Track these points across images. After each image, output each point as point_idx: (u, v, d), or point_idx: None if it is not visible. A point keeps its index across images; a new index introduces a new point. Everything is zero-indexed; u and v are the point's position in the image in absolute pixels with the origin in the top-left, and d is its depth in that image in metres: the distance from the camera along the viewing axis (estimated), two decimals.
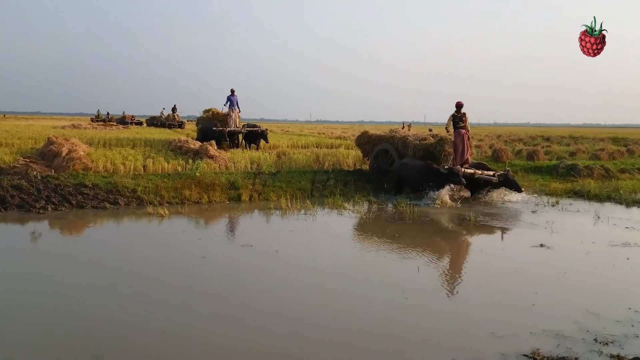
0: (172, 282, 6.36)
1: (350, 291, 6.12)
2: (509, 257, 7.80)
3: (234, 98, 20.09)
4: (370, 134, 15.18)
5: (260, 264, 7.20)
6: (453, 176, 11.87)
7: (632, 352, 4.37)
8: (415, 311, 5.50)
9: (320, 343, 4.62)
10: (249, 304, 5.64)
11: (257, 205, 11.80)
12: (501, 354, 4.36)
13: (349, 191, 13.40)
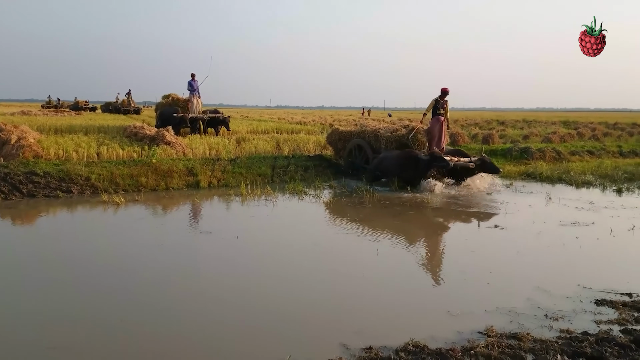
0: (128, 271, 6.22)
1: (310, 274, 6.15)
2: (464, 238, 7.99)
3: (195, 83, 19.56)
4: (340, 130, 14.79)
5: (220, 251, 7.14)
6: (437, 161, 11.31)
7: (581, 327, 4.56)
8: (374, 292, 5.57)
9: (279, 326, 4.62)
10: (208, 291, 5.59)
11: (217, 192, 11.67)
12: (457, 332, 4.47)
13: (310, 176, 13.42)
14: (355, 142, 13.61)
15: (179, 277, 6.03)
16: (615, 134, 25.83)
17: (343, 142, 14.29)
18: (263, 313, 4.96)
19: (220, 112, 20.21)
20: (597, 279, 5.83)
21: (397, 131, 13.04)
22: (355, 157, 13.63)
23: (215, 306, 5.14)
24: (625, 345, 4.04)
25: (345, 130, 14.64)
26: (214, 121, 19.71)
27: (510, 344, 4.16)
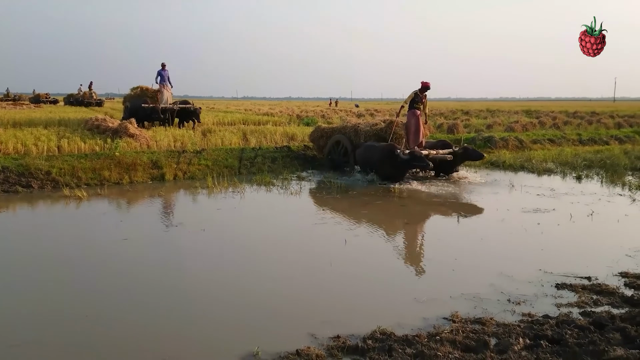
0: (91, 265, 6.09)
1: (278, 266, 6.14)
2: (430, 226, 8.12)
3: (164, 73, 18.89)
4: (323, 127, 14.56)
5: (187, 244, 7.06)
6: (416, 160, 10.92)
7: (542, 310, 4.69)
8: (342, 281, 5.61)
9: (247, 318, 4.60)
10: (174, 284, 5.51)
11: (182, 185, 11.51)
12: (423, 318, 4.55)
13: (277, 168, 13.37)
14: (336, 137, 13.38)
15: (144, 271, 5.94)
16: (575, 122, 26.59)
17: (325, 139, 13.96)
18: (230, 305, 4.93)
19: (191, 103, 19.66)
20: (557, 264, 6.00)
21: (376, 125, 12.90)
22: (336, 152, 13.33)
23: (181, 299, 5.08)
24: (584, 327, 4.17)
25: (327, 127, 14.49)
26: (185, 112, 19.16)
27: (475, 328, 4.25)
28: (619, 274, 5.63)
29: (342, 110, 39.13)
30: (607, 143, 19.61)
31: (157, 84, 19.10)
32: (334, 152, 13.37)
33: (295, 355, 3.80)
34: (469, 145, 12.37)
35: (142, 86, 20.23)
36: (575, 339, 3.93)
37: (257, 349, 3.91)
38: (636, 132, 22.24)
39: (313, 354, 3.77)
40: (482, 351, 3.80)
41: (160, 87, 18.97)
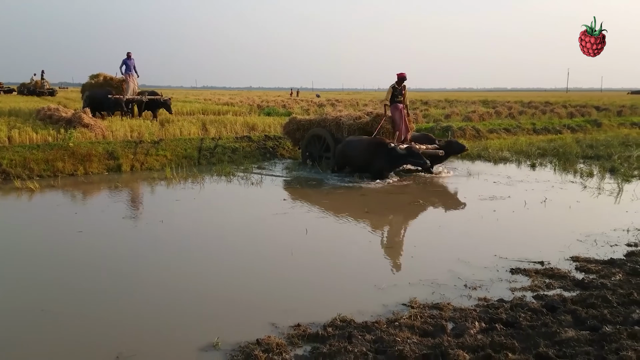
0: (45, 259, 5.89)
1: (239, 256, 6.09)
2: (390, 215, 8.21)
3: (130, 62, 17.87)
4: (299, 119, 13.59)
5: (144, 236, 6.92)
6: (414, 157, 10.28)
7: (497, 295, 4.82)
8: (303, 270, 5.62)
9: (207, 310, 4.56)
10: (131, 276, 5.40)
11: (140, 176, 11.26)
12: (382, 305, 4.60)
13: (238, 158, 13.25)
14: (315, 131, 12.56)
15: (100, 264, 5.77)
16: (529, 112, 27.31)
17: (302, 132, 13.11)
18: (189, 297, 4.86)
19: (160, 94, 18.81)
20: (512, 249, 6.17)
21: (360, 119, 12.15)
22: (315, 146, 12.55)
23: (139, 292, 4.98)
24: (537, 310, 4.31)
25: (304, 119, 13.56)
26: (154, 103, 18.22)
27: (432, 313, 4.33)
28: (571, 258, 5.83)
29: (303, 100, 39.01)
30: (560, 132, 20.26)
31: (121, 74, 18.06)
32: (313, 147, 12.59)
33: (255, 345, 3.78)
34: (452, 139, 12.10)
35: (102, 74, 19.23)
36: (528, 321, 4.06)
37: (217, 339, 3.88)
38: (587, 121, 23.04)
39: (273, 342, 3.77)
40: (440, 335, 3.87)
41: (125, 77, 17.96)
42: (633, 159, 12.67)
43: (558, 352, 3.46)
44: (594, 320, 3.99)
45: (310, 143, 12.69)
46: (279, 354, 3.65)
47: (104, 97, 17.43)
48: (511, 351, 3.49)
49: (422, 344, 3.77)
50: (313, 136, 12.60)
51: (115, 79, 18.77)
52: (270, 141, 14.82)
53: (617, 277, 5.09)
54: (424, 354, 3.59)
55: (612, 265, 5.47)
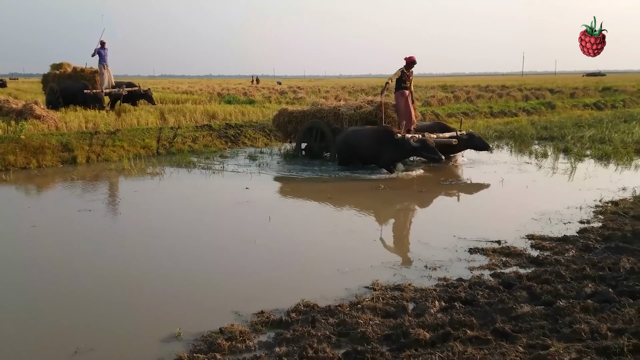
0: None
1: (201, 246, 6.02)
2: (353, 199, 8.25)
3: (104, 51, 16.60)
4: (290, 111, 12.68)
5: (101, 229, 6.75)
6: (427, 151, 9.55)
7: (456, 274, 4.93)
8: (266, 258, 5.59)
9: (168, 300, 4.49)
10: (89, 270, 5.26)
11: (96, 168, 10.96)
12: (345, 288, 4.63)
13: (199, 147, 13.06)
14: (311, 123, 11.70)
15: (55, 259, 5.61)
16: (486, 96, 27.87)
17: (294, 124, 12.26)
18: (150, 289, 4.79)
19: (137, 85, 17.83)
20: (471, 230, 6.30)
21: (362, 108, 11.46)
22: (311, 139, 11.76)
23: (97, 285, 4.86)
24: (494, 288, 4.43)
25: (296, 111, 12.68)
26: (133, 96, 17.25)
27: (394, 295, 4.40)
28: (526, 237, 6.00)
29: (265, 87, 38.70)
30: (515, 115, 20.76)
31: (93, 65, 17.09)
32: (310, 139, 11.80)
33: (218, 333, 3.76)
34: (475, 133, 11.26)
35: (66, 64, 18.16)
36: (486, 298, 4.17)
37: (178, 330, 3.83)
38: (542, 103, 23.69)
39: (236, 330, 3.75)
40: (401, 316, 3.94)
41: (99, 68, 16.86)
42: (585, 139, 13.11)
43: (514, 327, 3.57)
44: (548, 295, 4.13)
45: (306, 136, 11.87)
46: (243, 341, 3.64)
47: (78, 91, 16.34)
48: (469, 328, 3.58)
49: (384, 324, 3.83)
50: (309, 128, 11.75)
51: (86, 70, 17.72)
52: (231, 129, 14.66)
53: (570, 254, 5.27)
54: (386, 334, 3.65)
55: (565, 242, 5.66)
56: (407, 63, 10.92)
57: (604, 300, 3.89)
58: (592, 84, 37.48)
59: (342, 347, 3.54)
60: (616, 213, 6.71)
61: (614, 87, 32.89)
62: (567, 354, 3.02)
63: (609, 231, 5.88)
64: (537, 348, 3.21)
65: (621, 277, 4.35)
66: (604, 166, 10.39)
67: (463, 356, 3.16)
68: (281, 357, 3.37)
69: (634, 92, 30.27)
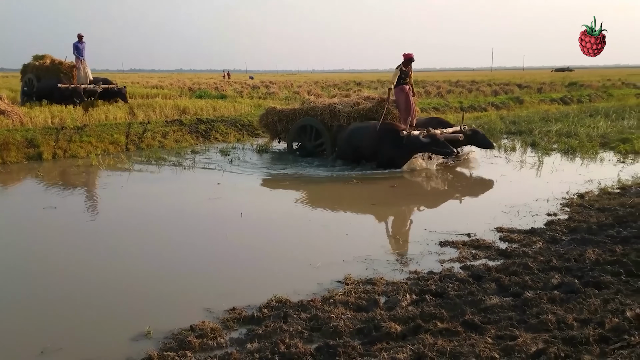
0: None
1: (171, 243, 5.94)
2: (325, 194, 8.27)
3: (82, 45, 15.99)
4: (280, 109, 12.08)
5: (68, 227, 6.60)
6: (438, 145, 9.19)
7: (427, 267, 4.98)
8: (238, 254, 5.56)
9: (138, 298, 4.42)
10: (55, 270, 5.14)
11: (63, 164, 10.71)
12: (318, 283, 4.63)
13: (169, 142, 12.88)
14: (305, 122, 11.21)
15: (19, 258, 5.46)
16: (457, 91, 28.22)
17: (285, 124, 11.73)
18: (119, 287, 4.70)
19: (114, 82, 17.22)
20: (442, 223, 6.37)
21: (359, 105, 11.00)
22: (304, 138, 11.32)
23: (64, 285, 4.76)
24: (464, 280, 4.49)
25: (287, 109, 12.05)
26: (108, 93, 16.63)
27: (366, 289, 4.41)
28: (495, 229, 6.09)
29: (237, 82, 38.35)
30: (485, 109, 21.08)
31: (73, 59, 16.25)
32: (304, 138, 11.34)
33: (189, 331, 3.71)
34: (479, 129, 10.90)
35: (49, 56, 17.31)
36: (456, 291, 4.22)
37: (148, 328, 3.77)
38: (510, 98, 24.11)
39: (207, 327, 3.71)
40: (373, 309, 3.96)
41: (76, 62, 16.20)
42: (552, 133, 13.40)
43: (483, 319, 3.63)
44: (516, 286, 4.20)
45: (299, 134, 11.39)
46: (214, 338, 3.60)
47: (54, 86, 15.64)
48: (440, 320, 3.62)
49: (356, 318, 3.84)
50: (302, 127, 11.28)
51: (65, 64, 16.99)
52: (202, 124, 14.50)
53: (537, 245, 5.38)
54: (358, 328, 3.66)
55: (533, 234, 5.77)
56: (404, 60, 10.70)
57: (570, 291, 3.98)
58: (559, 79, 38.35)
59: (315, 341, 3.53)
60: (582, 205, 6.88)
61: (580, 82, 33.71)
62: (535, 344, 3.07)
63: (575, 223, 6.02)
64: (506, 339, 3.26)
65: (586, 268, 4.45)
66: (570, 160, 10.64)
67: (433, 348, 3.19)
68: (253, 353, 3.35)
69: (599, 87, 31.10)
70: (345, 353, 3.28)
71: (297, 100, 21.66)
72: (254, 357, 3.30)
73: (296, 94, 24.67)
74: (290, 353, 3.30)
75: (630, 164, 9.95)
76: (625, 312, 3.36)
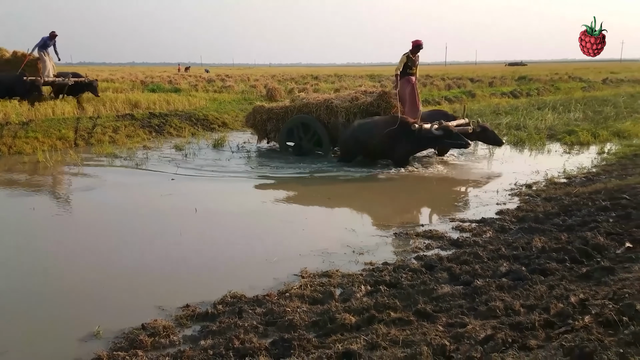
0: None
1: (123, 241, 5.80)
2: (280, 188, 8.24)
3: (51, 42, 15.09)
4: (269, 108, 11.44)
5: (13, 226, 6.34)
6: (452, 137, 8.80)
7: (382, 258, 5.04)
8: (192, 250, 5.47)
9: (86, 298, 4.30)
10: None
11: (7, 161, 10.26)
12: (274, 278, 4.61)
13: (120, 138, 12.54)
14: (298, 120, 10.64)
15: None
16: None
17: (275, 122, 11.11)
18: (68, 287, 4.56)
19: (84, 76, 16.22)
20: (397, 215, 6.51)
21: (358, 99, 10.56)
22: (302, 137, 10.69)
23: (8, 286, 4.56)
24: (417, 270, 4.57)
25: (277, 107, 11.43)
26: (78, 87, 15.69)
27: (322, 281, 4.44)
28: (448, 220, 6.24)
29: (192, 75, 37.68)
30: (439, 103, 21.46)
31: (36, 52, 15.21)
32: (298, 137, 10.70)
33: (140, 330, 3.63)
34: (488, 125, 10.40)
35: (7, 50, 16.16)
36: (409, 281, 4.30)
37: (97, 328, 3.67)
38: (463, 92, 24.66)
39: (160, 325, 3.64)
40: (328, 302, 3.98)
41: (40, 55, 15.17)
42: (502, 126, 13.77)
43: (435, 308, 3.70)
44: (466, 275, 4.30)
45: (294, 133, 10.75)
46: (166, 336, 3.54)
47: (17, 80, 14.61)
48: (393, 310, 3.68)
49: (311, 311, 3.85)
50: (297, 125, 10.66)
51: (28, 56, 15.58)
52: (155, 119, 14.19)
53: (487, 235, 5.52)
54: (314, 321, 3.67)
55: (483, 224, 5.93)
56: (413, 47, 10.17)
57: (517, 278, 4.10)
58: (509, 73, 39.46)
59: (270, 336, 3.52)
60: (530, 195, 7.12)
61: (529, 77, 34.79)
62: (483, 330, 3.16)
63: (523, 212, 6.22)
64: (456, 326, 3.34)
65: (533, 256, 4.61)
66: (519, 151, 10.99)
67: (387, 338, 3.24)
68: (206, 350, 3.31)
69: (547, 80, 32.19)
70: (300, 346, 3.29)
71: (254, 94, 21.55)
72: (208, 354, 3.27)
73: (253, 87, 24.45)
74: (244, 348, 3.28)
75: (575, 155, 10.36)
76: (569, 297, 3.49)
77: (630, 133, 12.02)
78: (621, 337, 2.68)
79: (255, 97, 20.67)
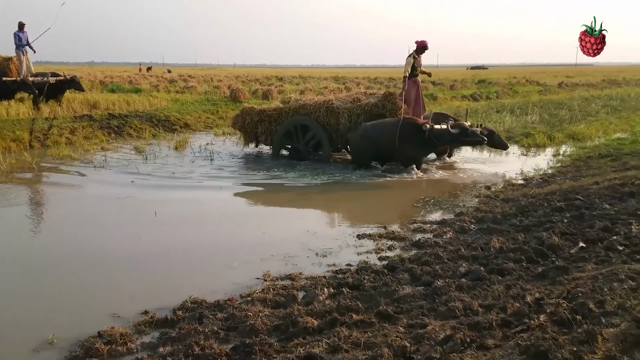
0: None
1: (79, 245, 5.63)
2: (243, 192, 8.17)
3: (23, 35, 14.05)
4: (261, 109, 10.85)
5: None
6: (468, 135, 8.73)
7: (345, 260, 5.05)
8: (151, 255, 5.36)
9: (39, 306, 4.16)
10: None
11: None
12: (236, 283, 4.54)
13: (77, 139, 12.19)
14: (296, 122, 10.15)
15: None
16: (375, 87, 28.87)
17: (268, 125, 10.54)
18: (20, 295, 4.40)
19: (63, 75, 15.36)
20: (360, 218, 6.52)
21: (360, 100, 10.22)
22: (295, 141, 10.31)
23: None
24: (379, 271, 4.59)
25: (269, 109, 10.79)
26: (60, 85, 14.96)
27: (285, 284, 4.42)
28: (410, 222, 6.31)
29: (153, 75, 37.02)
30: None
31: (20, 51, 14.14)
32: (296, 140, 10.29)
33: (96, 337, 3.53)
34: (493, 129, 10.06)
35: None
36: (371, 282, 4.32)
37: (52, 336, 3.55)
38: (425, 95, 24.93)
39: (117, 333, 3.54)
40: (291, 305, 3.96)
41: (19, 55, 14.16)
42: None
43: (396, 309, 3.73)
44: (427, 276, 4.36)
45: (292, 136, 10.32)
46: (124, 344, 3.45)
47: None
48: (355, 312, 3.69)
49: (273, 315, 3.82)
50: (294, 127, 10.20)
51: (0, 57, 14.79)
52: (115, 120, 13.87)
53: (448, 236, 5.61)
54: (276, 325, 3.64)
55: (444, 225, 6.03)
56: (418, 48, 10.12)
57: (476, 279, 4.18)
58: (470, 77, 40.30)
59: (231, 341, 3.48)
60: (489, 197, 7.28)
61: (489, 80, 35.63)
62: (443, 331, 3.20)
63: (482, 213, 6.35)
64: (416, 327, 3.37)
65: (491, 256, 4.70)
66: (479, 154, 11.22)
67: (348, 340, 3.24)
68: (165, 357, 3.25)
69: (505, 84, 33.03)
70: (262, 351, 3.26)
71: (217, 95, 21.32)
72: None
73: (216, 88, 24.19)
74: (204, 355, 3.23)
75: (532, 157, 10.66)
76: (525, 297, 3.57)
77: (584, 136, 12.44)
78: (574, 335, 2.76)
79: (218, 98, 20.47)
